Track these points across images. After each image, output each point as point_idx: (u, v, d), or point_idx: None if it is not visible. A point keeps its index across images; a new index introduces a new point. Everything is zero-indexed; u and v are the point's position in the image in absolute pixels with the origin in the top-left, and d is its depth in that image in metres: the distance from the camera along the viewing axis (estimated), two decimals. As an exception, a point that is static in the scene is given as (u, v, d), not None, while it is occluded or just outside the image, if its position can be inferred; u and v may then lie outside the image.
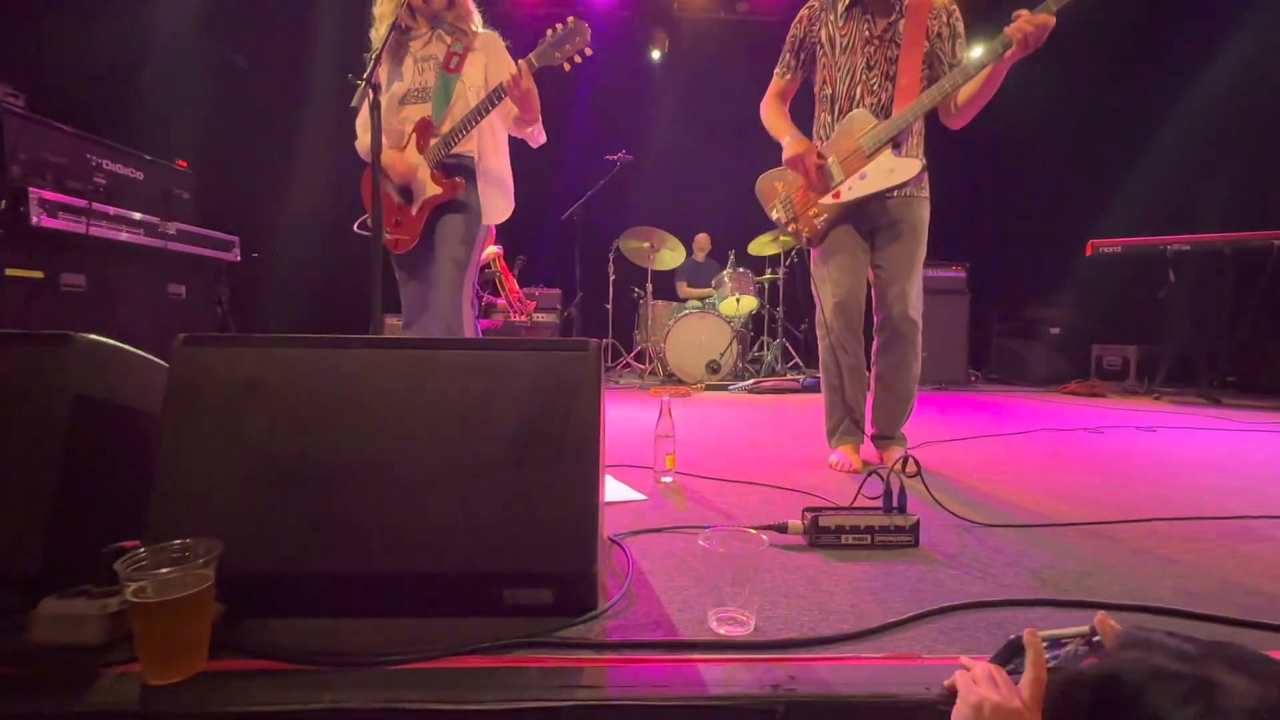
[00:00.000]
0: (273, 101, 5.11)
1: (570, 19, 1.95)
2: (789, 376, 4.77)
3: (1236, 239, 3.97)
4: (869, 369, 2.14)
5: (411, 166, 2.08)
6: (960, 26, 1.94)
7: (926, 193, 2.03)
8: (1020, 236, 5.28)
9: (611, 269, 5.32)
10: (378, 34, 2.12)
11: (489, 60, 2.11)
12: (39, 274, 2.77)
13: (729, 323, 4.81)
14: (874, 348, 2.10)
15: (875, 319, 2.07)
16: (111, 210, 3.01)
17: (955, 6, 1.94)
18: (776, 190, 2.15)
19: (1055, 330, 5.14)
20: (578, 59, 1.98)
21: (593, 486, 0.94)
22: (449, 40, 2.10)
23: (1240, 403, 3.87)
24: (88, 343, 0.93)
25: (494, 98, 1.98)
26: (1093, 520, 1.50)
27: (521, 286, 5.12)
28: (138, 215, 3.15)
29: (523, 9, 5.68)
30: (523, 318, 5.04)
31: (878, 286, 2.05)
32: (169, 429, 0.91)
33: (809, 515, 1.32)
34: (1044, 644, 0.74)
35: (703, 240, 5.82)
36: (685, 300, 5.44)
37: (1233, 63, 4.52)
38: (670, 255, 5.31)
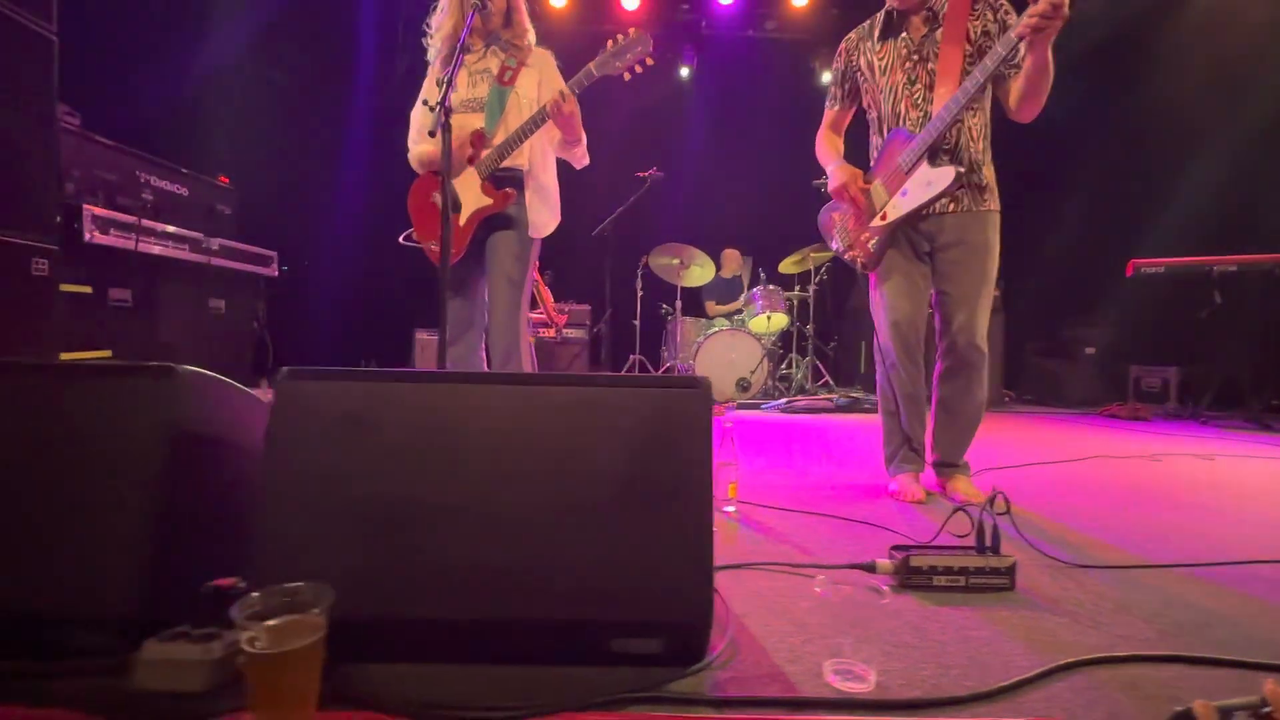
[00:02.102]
0: (312, 117, 5.17)
1: (633, 30, 1.95)
2: (821, 396, 4.70)
3: (1287, 261, 3.89)
4: (929, 395, 2.08)
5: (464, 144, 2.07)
6: (1012, 19, 1.81)
7: (991, 205, 1.91)
8: (1057, 254, 5.19)
9: (640, 285, 5.31)
10: (435, 49, 2.15)
11: (542, 77, 2.14)
12: (88, 289, 2.79)
13: (759, 340, 4.75)
14: (936, 372, 2.04)
15: (939, 344, 2.01)
16: (159, 226, 3.04)
17: (1003, 1, 1.85)
18: (835, 220, 2.13)
19: (1091, 350, 5.03)
20: (639, 69, 1.99)
21: (708, 531, 0.90)
22: (503, 55, 2.12)
23: (1293, 428, 3.76)
24: (190, 375, 0.91)
25: (540, 116, 2.00)
26: (1188, 561, 1.43)
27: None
28: (183, 231, 3.17)
29: (553, 26, 5.73)
30: (552, 333, 5.03)
31: (941, 312, 1.98)
32: (272, 465, 0.89)
33: (898, 554, 1.27)
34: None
35: (732, 256, 5.78)
36: (714, 318, 5.40)
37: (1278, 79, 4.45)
38: (699, 272, 5.27)
